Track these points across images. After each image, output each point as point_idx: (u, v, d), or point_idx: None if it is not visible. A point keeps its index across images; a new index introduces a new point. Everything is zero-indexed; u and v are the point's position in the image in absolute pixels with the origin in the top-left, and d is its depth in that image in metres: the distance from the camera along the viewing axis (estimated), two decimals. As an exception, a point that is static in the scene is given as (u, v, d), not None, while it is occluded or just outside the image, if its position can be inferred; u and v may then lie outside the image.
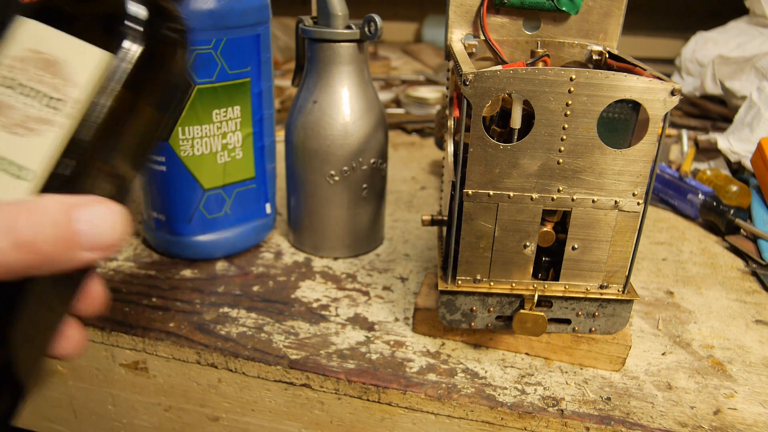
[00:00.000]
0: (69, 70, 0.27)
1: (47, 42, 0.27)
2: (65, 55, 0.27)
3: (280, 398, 0.41)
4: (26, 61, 0.27)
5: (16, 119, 0.26)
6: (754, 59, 0.88)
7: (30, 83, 0.27)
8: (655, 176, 0.34)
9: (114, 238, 0.26)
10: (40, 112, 0.26)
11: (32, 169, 0.26)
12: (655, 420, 0.36)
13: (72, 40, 0.27)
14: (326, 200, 0.51)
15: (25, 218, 0.24)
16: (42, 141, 0.26)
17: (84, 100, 0.27)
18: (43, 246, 0.24)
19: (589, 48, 0.42)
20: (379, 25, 0.46)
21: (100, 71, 0.27)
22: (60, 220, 0.25)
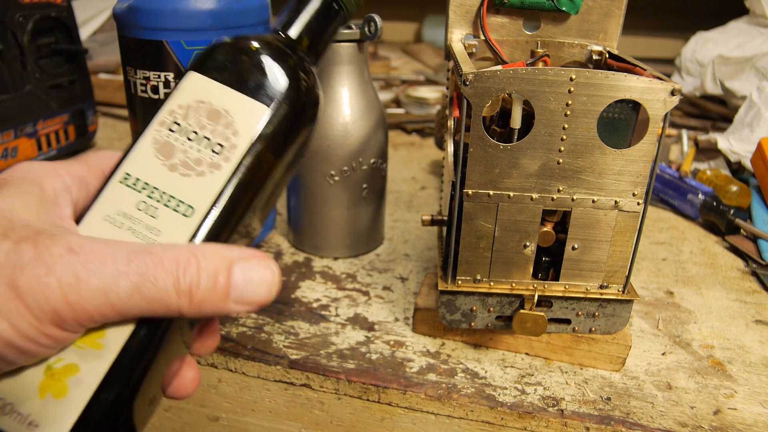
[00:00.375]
0: (233, 121, 0.29)
1: (214, 94, 0.29)
2: (229, 107, 0.29)
3: (280, 398, 0.41)
4: (194, 109, 0.29)
5: (184, 161, 0.29)
6: (754, 59, 0.88)
7: (199, 130, 0.29)
8: (655, 176, 0.34)
9: (266, 297, 0.27)
10: (208, 157, 0.29)
11: (198, 210, 0.28)
12: (655, 420, 0.36)
13: (234, 94, 0.29)
14: (326, 200, 0.51)
15: (190, 265, 0.25)
16: (208, 184, 0.28)
17: (244, 149, 0.29)
18: (198, 294, 0.25)
19: (589, 48, 0.42)
20: (379, 25, 0.46)
21: (260, 123, 0.29)
22: (220, 271, 0.26)
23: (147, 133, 0.29)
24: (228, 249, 0.27)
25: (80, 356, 0.25)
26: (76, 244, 0.24)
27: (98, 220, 0.28)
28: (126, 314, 0.24)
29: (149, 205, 0.28)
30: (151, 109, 0.48)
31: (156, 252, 0.25)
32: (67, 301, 0.23)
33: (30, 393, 0.24)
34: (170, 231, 0.28)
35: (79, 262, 0.23)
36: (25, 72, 0.66)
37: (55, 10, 0.68)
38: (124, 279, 0.24)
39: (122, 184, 0.28)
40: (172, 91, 0.30)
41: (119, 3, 0.46)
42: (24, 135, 0.66)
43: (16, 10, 0.64)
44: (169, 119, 0.29)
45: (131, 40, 0.45)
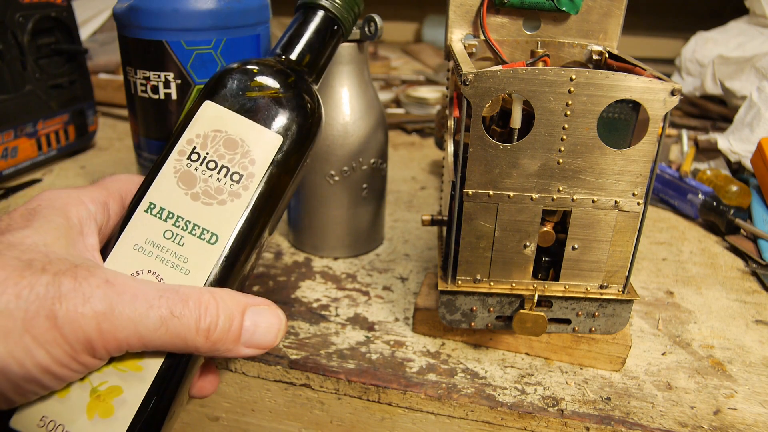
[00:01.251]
0: (249, 150, 0.31)
1: (230, 124, 0.31)
2: (245, 136, 0.31)
3: (280, 398, 0.41)
4: (212, 139, 0.30)
5: (206, 190, 0.30)
6: (754, 59, 0.88)
7: (218, 159, 0.30)
8: (655, 176, 0.34)
9: (273, 343, 0.29)
10: (228, 185, 0.30)
11: (222, 237, 0.30)
12: (655, 420, 0.36)
13: (249, 123, 0.31)
14: (326, 200, 0.51)
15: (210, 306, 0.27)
16: (230, 212, 0.30)
17: (261, 177, 0.31)
18: (214, 334, 0.27)
19: (589, 48, 0.42)
20: (379, 25, 0.46)
21: (275, 152, 0.31)
22: (235, 315, 0.28)
23: (168, 163, 0.30)
24: (242, 295, 0.29)
25: (122, 378, 0.27)
26: (111, 276, 0.26)
27: (127, 249, 0.29)
28: (149, 346, 0.26)
29: (175, 234, 0.29)
30: (151, 109, 0.48)
31: (182, 291, 0.27)
32: (99, 329, 0.24)
33: (78, 414, 0.26)
34: (197, 258, 0.29)
35: (115, 293, 0.25)
36: (25, 72, 0.66)
37: (55, 10, 0.68)
38: (155, 312, 0.25)
39: (148, 213, 0.29)
40: (188, 118, 0.31)
41: (119, 3, 0.46)
42: (24, 135, 0.66)
43: (16, 10, 0.64)
44: (188, 148, 0.30)
45: (131, 40, 0.45)
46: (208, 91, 0.32)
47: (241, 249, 0.30)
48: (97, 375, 0.27)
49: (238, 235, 0.30)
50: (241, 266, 0.31)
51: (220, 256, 0.29)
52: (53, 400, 0.26)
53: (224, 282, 0.30)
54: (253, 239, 0.31)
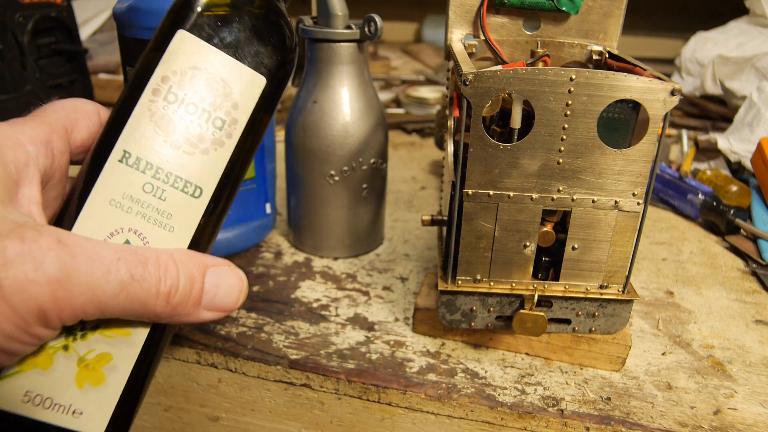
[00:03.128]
0: (232, 92, 0.27)
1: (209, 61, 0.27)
2: (227, 76, 0.27)
3: (280, 398, 0.41)
4: (190, 77, 0.27)
5: (186, 138, 0.27)
6: (754, 59, 0.88)
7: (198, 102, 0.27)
8: (655, 176, 0.34)
9: (234, 305, 0.27)
10: (210, 132, 0.27)
11: (206, 190, 0.27)
12: (655, 420, 0.36)
13: (231, 62, 0.27)
14: (326, 200, 0.51)
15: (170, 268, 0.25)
16: (214, 163, 0.27)
17: (245, 122, 0.28)
18: (175, 298, 0.25)
19: (589, 48, 0.42)
20: (379, 25, 0.46)
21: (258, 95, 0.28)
22: (196, 277, 0.26)
23: (141, 103, 0.26)
24: (201, 255, 0.27)
25: (111, 345, 0.26)
26: (63, 236, 0.23)
27: (103, 204, 0.26)
28: (106, 312, 0.24)
29: (156, 187, 0.26)
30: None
31: (140, 252, 0.24)
32: (54, 297, 0.22)
33: (67, 385, 0.25)
34: (181, 214, 0.27)
35: (69, 255, 0.22)
36: (25, 72, 0.66)
37: (55, 10, 0.68)
38: (114, 277, 0.23)
39: (123, 163, 0.26)
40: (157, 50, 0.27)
41: (119, 3, 0.46)
42: (24, 135, 0.66)
43: (16, 10, 0.64)
44: (164, 87, 0.26)
45: (131, 40, 0.45)
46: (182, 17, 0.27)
47: (225, 202, 0.28)
48: (83, 344, 0.25)
49: (222, 187, 0.28)
50: (221, 220, 0.29)
51: (204, 210, 0.27)
52: (35, 373, 0.24)
53: (207, 239, 0.28)
54: (234, 191, 0.28)
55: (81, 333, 0.25)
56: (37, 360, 0.25)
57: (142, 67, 0.27)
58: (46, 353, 0.25)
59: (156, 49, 0.27)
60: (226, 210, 0.29)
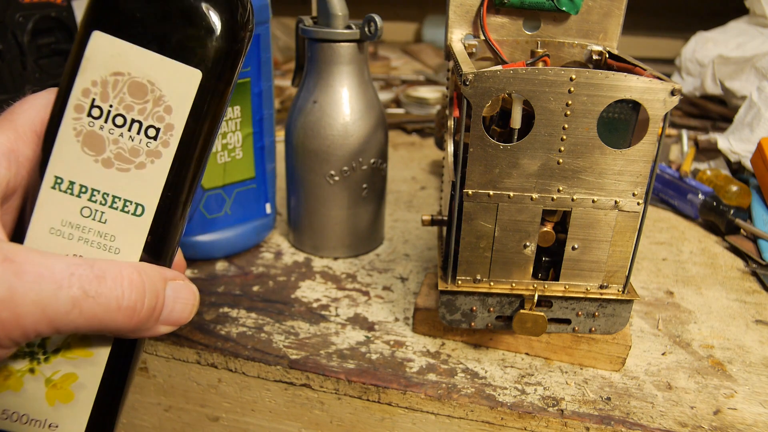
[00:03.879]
0: (162, 95, 0.25)
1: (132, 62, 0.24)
2: (154, 77, 0.24)
3: (280, 398, 0.41)
4: (112, 85, 0.24)
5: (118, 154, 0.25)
6: (754, 59, 0.88)
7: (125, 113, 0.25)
8: (655, 176, 0.34)
9: (187, 319, 0.27)
10: (144, 144, 0.25)
11: (148, 207, 0.26)
12: (655, 420, 0.36)
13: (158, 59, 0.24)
14: (326, 200, 0.51)
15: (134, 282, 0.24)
16: (153, 176, 0.25)
17: (182, 127, 0.25)
18: (140, 313, 0.24)
19: (589, 48, 0.42)
20: (379, 25, 0.46)
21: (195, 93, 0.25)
22: (159, 292, 0.25)
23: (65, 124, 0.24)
24: (161, 268, 0.26)
25: (74, 365, 0.26)
26: (10, 252, 0.22)
27: (43, 233, 0.25)
28: (62, 330, 0.23)
29: (94, 210, 0.25)
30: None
31: (98, 266, 0.23)
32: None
33: (39, 403, 0.25)
34: (125, 234, 0.26)
35: (13, 274, 0.21)
36: (25, 72, 0.66)
37: (55, 10, 0.68)
38: (65, 294, 0.22)
39: (56, 190, 0.25)
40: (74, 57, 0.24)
41: (119, 3, 0.45)
42: (24, 135, 0.66)
43: (16, 10, 0.64)
44: (86, 102, 0.24)
45: (131, 40, 0.45)
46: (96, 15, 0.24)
47: (172, 215, 0.26)
48: (47, 366, 0.25)
49: (166, 200, 0.26)
50: (175, 234, 0.27)
51: (149, 227, 0.26)
52: (8, 394, 0.25)
53: (159, 256, 0.27)
54: (183, 201, 0.26)
55: (44, 357, 0.26)
56: (8, 383, 0.25)
57: (63, 80, 0.25)
58: (14, 377, 0.25)
59: (74, 57, 0.24)
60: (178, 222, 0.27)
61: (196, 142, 0.26)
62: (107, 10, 0.24)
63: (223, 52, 0.25)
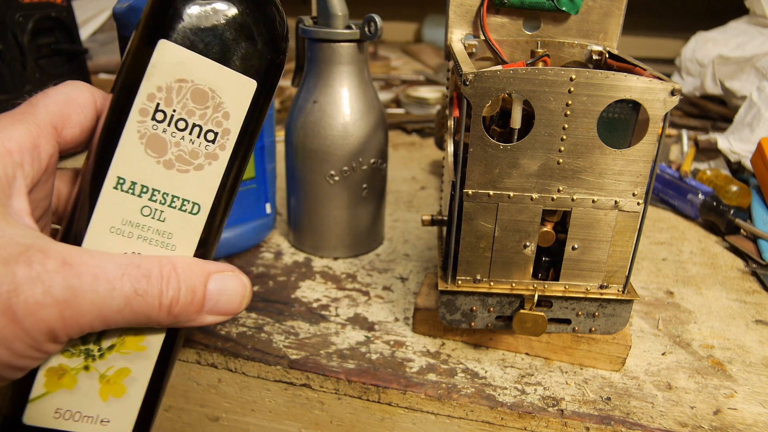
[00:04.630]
0: (222, 102, 0.26)
1: (196, 70, 0.26)
2: (215, 85, 0.26)
3: (280, 398, 0.41)
4: (176, 91, 0.26)
5: (179, 156, 0.26)
6: (754, 59, 0.88)
7: (187, 117, 0.26)
8: (655, 176, 0.34)
9: (237, 309, 0.28)
10: (203, 147, 0.27)
11: (204, 205, 0.27)
12: (655, 420, 0.36)
13: (220, 68, 0.26)
14: (326, 200, 0.51)
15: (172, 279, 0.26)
16: (210, 177, 0.27)
17: (237, 132, 0.27)
18: (176, 307, 0.26)
19: (589, 48, 0.42)
20: (379, 25, 0.46)
21: (251, 101, 0.27)
22: (197, 286, 0.26)
23: (129, 126, 0.26)
24: (204, 262, 0.27)
25: (128, 360, 0.27)
26: (68, 255, 0.23)
27: (104, 233, 0.26)
28: (111, 325, 0.24)
29: (154, 210, 0.27)
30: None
31: (144, 265, 0.25)
32: (62, 317, 0.23)
33: (92, 399, 0.27)
34: (181, 232, 0.27)
35: (75, 276, 0.23)
36: (25, 72, 0.66)
37: (55, 10, 0.68)
38: (118, 293, 0.24)
39: (118, 190, 0.26)
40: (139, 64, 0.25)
41: (119, 3, 0.46)
42: (24, 135, 0.66)
43: (16, 10, 0.64)
44: (150, 107, 0.26)
45: (131, 40, 0.45)
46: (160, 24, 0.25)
47: (223, 213, 0.28)
48: (102, 362, 0.27)
49: (219, 198, 0.27)
50: (221, 229, 0.29)
51: (204, 225, 0.27)
52: (62, 393, 0.26)
53: (207, 250, 0.28)
54: (231, 199, 0.28)
55: (99, 353, 0.27)
56: (62, 382, 0.26)
57: (125, 83, 0.26)
58: (69, 375, 0.26)
59: (137, 62, 0.26)
60: (225, 218, 0.29)
61: (247, 144, 0.28)
62: (172, 20, 0.25)
63: (272, 62, 0.27)
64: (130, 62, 0.26)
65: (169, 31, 0.25)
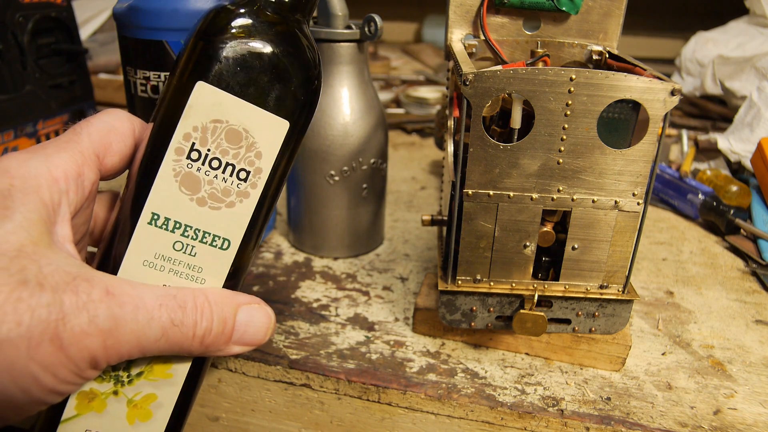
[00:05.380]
0: (255, 142, 0.27)
1: (230, 111, 0.27)
2: (249, 125, 0.27)
3: (280, 398, 0.41)
4: (211, 131, 0.27)
5: (212, 194, 0.27)
6: (754, 59, 0.88)
7: (221, 156, 0.27)
8: (655, 176, 0.34)
9: (263, 339, 0.29)
10: (235, 185, 0.27)
11: (234, 241, 0.28)
12: (655, 420, 0.36)
13: (254, 110, 0.27)
14: (326, 200, 0.51)
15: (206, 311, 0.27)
16: (240, 214, 0.28)
17: (269, 171, 0.28)
18: (209, 338, 0.27)
19: (589, 48, 0.42)
20: (379, 25, 0.46)
21: (283, 141, 0.28)
22: (228, 317, 0.27)
23: (165, 164, 0.27)
24: (234, 294, 0.28)
25: (155, 387, 0.28)
26: (111, 285, 0.24)
27: (137, 266, 0.27)
28: (147, 354, 0.26)
29: (186, 245, 0.27)
30: (151, 110, 0.48)
31: (180, 296, 0.26)
32: (105, 346, 0.24)
33: (120, 423, 0.28)
34: (211, 266, 0.28)
35: (117, 306, 0.24)
36: (25, 72, 0.66)
37: (55, 10, 0.68)
38: (156, 324, 0.25)
39: (152, 225, 0.27)
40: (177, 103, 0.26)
41: (119, 3, 0.46)
42: (24, 135, 0.66)
43: (16, 10, 0.64)
44: (186, 146, 0.27)
45: (131, 40, 0.45)
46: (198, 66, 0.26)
47: (252, 248, 0.29)
48: (130, 388, 0.28)
49: (249, 234, 0.28)
50: (249, 263, 0.30)
51: (233, 260, 0.28)
52: (91, 415, 0.27)
53: (235, 283, 0.29)
54: (261, 234, 0.29)
55: (128, 380, 0.28)
56: (92, 405, 0.27)
57: (164, 122, 0.27)
58: (99, 399, 0.27)
59: (175, 102, 0.26)
60: (256, 251, 0.30)
61: (278, 182, 0.28)
62: (211, 62, 0.26)
63: (305, 103, 0.28)
64: (169, 100, 0.27)
65: (207, 72, 0.26)
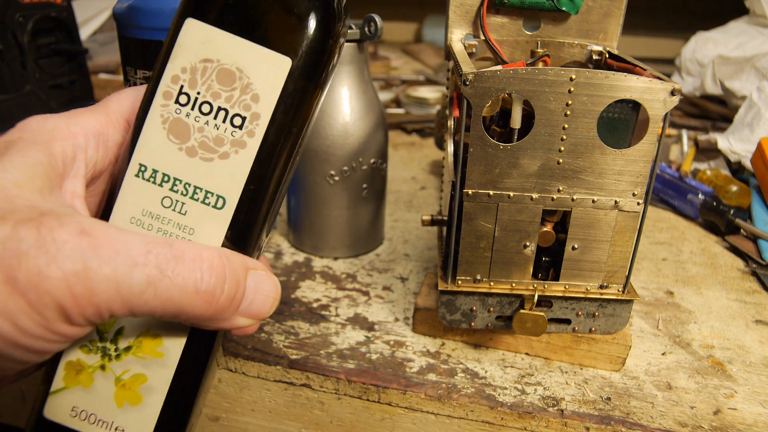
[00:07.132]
0: (250, 83, 0.24)
1: (222, 49, 0.24)
2: (243, 64, 0.24)
3: (280, 398, 0.41)
4: (201, 72, 0.24)
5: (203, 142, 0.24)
6: (754, 59, 0.88)
7: (212, 100, 0.24)
8: (655, 176, 0.34)
9: (268, 313, 0.25)
10: (229, 133, 0.24)
11: (230, 199, 0.25)
12: (655, 420, 0.36)
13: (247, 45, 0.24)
14: (326, 200, 0.51)
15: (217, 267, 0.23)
16: (236, 167, 0.25)
17: (269, 117, 0.24)
18: (219, 300, 0.23)
19: (589, 48, 0.42)
20: (379, 25, 0.46)
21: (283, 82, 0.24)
22: (240, 279, 0.24)
23: (153, 110, 0.24)
24: (244, 257, 0.25)
25: (144, 366, 0.25)
26: (88, 225, 0.21)
27: (124, 223, 0.25)
28: (136, 311, 0.22)
29: (175, 201, 0.25)
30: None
31: (177, 245, 0.22)
32: (71, 293, 0.20)
33: (107, 403, 0.25)
34: (204, 227, 0.25)
35: (89, 247, 0.20)
36: (25, 72, 0.66)
37: (55, 10, 0.68)
38: (140, 271, 0.21)
39: (139, 178, 0.24)
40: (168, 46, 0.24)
41: (119, 3, 0.46)
42: (24, 135, 0.66)
43: (16, 10, 0.64)
44: (174, 89, 0.24)
45: (131, 40, 0.45)
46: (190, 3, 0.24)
47: (255, 210, 0.25)
48: (118, 364, 0.25)
49: (249, 193, 0.25)
50: (258, 232, 0.26)
51: (230, 221, 0.25)
52: (79, 390, 0.25)
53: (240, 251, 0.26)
54: (268, 196, 0.25)
55: (116, 353, 0.25)
56: (80, 378, 0.25)
57: (155, 68, 0.24)
58: (86, 372, 0.25)
59: (167, 45, 0.24)
60: (261, 219, 0.26)
61: (283, 134, 0.25)
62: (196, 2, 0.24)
63: (315, 41, 0.24)
64: (164, 45, 0.25)
65: (197, 8, 0.24)
